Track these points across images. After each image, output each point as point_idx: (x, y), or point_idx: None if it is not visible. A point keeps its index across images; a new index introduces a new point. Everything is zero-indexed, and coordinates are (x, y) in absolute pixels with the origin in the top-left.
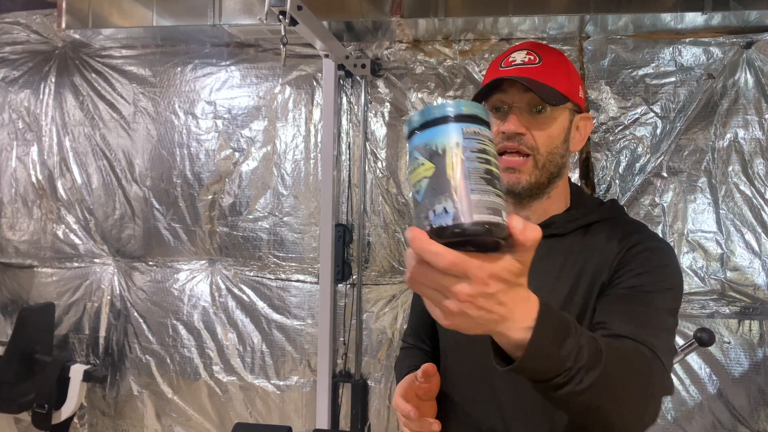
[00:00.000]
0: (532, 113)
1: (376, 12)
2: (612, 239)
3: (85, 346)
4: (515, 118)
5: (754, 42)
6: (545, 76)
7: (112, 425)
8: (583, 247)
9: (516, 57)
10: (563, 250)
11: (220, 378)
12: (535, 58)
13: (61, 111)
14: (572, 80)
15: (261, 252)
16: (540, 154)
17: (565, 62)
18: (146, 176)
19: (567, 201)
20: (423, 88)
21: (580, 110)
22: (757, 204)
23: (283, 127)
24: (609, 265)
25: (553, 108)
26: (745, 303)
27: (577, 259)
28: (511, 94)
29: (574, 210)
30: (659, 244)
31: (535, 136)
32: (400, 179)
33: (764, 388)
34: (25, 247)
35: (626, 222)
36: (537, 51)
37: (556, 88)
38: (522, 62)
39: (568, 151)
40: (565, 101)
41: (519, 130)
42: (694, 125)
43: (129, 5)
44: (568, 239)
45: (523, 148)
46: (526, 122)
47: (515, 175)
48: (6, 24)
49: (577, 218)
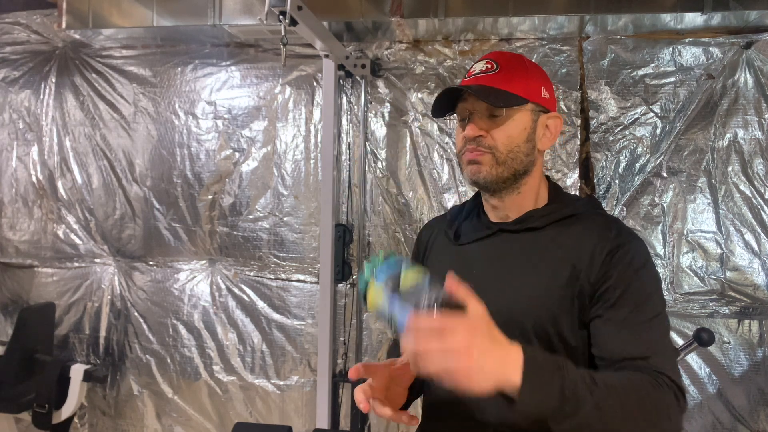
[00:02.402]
0: (492, 117)
1: (376, 12)
2: (589, 233)
3: (86, 345)
4: (473, 125)
5: (754, 42)
6: (501, 81)
7: (112, 425)
8: (559, 240)
9: (476, 67)
10: (540, 243)
11: (220, 378)
12: (492, 66)
13: (61, 111)
14: (531, 83)
15: (261, 252)
16: (499, 151)
17: (523, 66)
18: (146, 176)
19: (544, 198)
20: (423, 89)
21: (546, 110)
22: (756, 204)
23: (283, 127)
24: (590, 261)
25: (508, 110)
26: (744, 303)
27: (554, 252)
28: (470, 103)
29: (551, 205)
30: (635, 244)
31: (494, 137)
32: (400, 179)
33: (764, 388)
34: (26, 247)
35: (601, 216)
36: (496, 60)
37: (513, 91)
38: (480, 71)
39: (534, 150)
40: (523, 102)
41: (476, 133)
42: (694, 125)
43: (129, 5)
44: (545, 233)
45: (481, 149)
46: (485, 125)
47: (476, 167)
48: (6, 24)
49: (552, 212)
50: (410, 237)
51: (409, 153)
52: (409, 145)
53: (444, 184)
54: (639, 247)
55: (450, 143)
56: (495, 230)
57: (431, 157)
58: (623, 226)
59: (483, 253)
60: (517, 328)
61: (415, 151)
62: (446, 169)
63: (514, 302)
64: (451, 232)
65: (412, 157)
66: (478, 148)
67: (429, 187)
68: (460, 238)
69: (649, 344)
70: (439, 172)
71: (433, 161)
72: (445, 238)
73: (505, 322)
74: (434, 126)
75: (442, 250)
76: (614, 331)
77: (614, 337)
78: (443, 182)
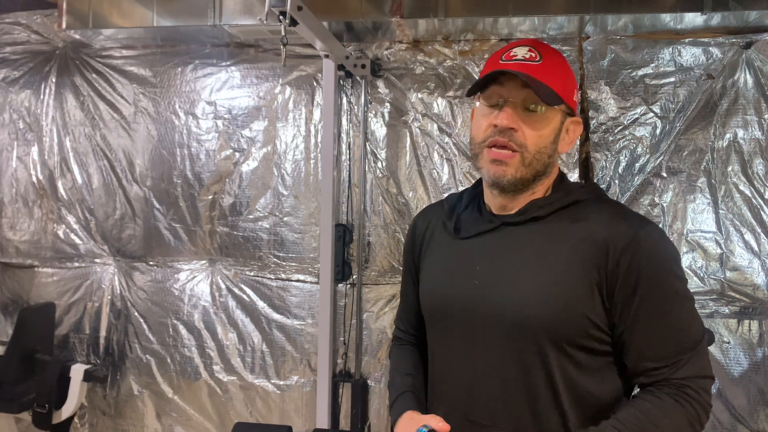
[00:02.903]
0: (526, 110)
1: (376, 12)
2: (598, 220)
3: (86, 345)
4: (510, 113)
5: (754, 42)
6: (544, 74)
7: (112, 425)
8: (567, 228)
9: (518, 52)
10: (546, 232)
11: (220, 378)
12: (536, 56)
13: (61, 111)
14: (568, 83)
15: (261, 252)
16: (528, 151)
17: (564, 64)
18: (147, 176)
19: (549, 189)
20: (423, 89)
21: (572, 113)
22: (756, 204)
23: (283, 128)
24: (604, 254)
25: (547, 108)
26: (744, 303)
27: (561, 243)
28: (508, 89)
29: (554, 194)
30: (650, 230)
31: (526, 134)
32: (400, 179)
33: (764, 388)
34: (26, 247)
35: (608, 203)
36: (538, 49)
37: (553, 88)
38: (523, 58)
39: (556, 152)
40: (560, 102)
41: (512, 125)
42: (694, 125)
43: (129, 5)
44: (550, 223)
45: (512, 144)
46: (519, 119)
47: (501, 168)
48: (6, 24)
49: (555, 200)
50: None
51: (409, 153)
52: (409, 145)
53: (444, 184)
54: (654, 231)
55: (450, 143)
56: (498, 224)
57: (431, 157)
58: (632, 212)
59: (486, 248)
60: (528, 332)
61: (415, 151)
62: (446, 169)
63: (522, 302)
64: (451, 224)
65: (412, 157)
66: (509, 143)
67: (429, 187)
68: (460, 231)
69: (677, 346)
70: (439, 172)
71: (433, 161)
72: (444, 230)
73: (514, 324)
74: (434, 126)
75: (442, 244)
76: (640, 336)
77: (641, 343)
78: (443, 182)
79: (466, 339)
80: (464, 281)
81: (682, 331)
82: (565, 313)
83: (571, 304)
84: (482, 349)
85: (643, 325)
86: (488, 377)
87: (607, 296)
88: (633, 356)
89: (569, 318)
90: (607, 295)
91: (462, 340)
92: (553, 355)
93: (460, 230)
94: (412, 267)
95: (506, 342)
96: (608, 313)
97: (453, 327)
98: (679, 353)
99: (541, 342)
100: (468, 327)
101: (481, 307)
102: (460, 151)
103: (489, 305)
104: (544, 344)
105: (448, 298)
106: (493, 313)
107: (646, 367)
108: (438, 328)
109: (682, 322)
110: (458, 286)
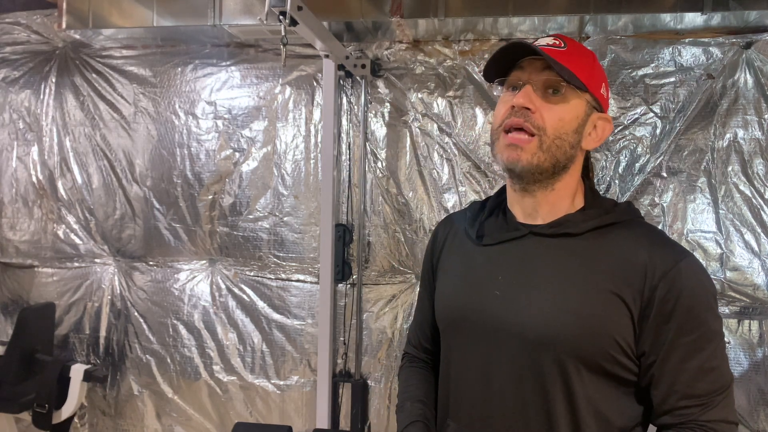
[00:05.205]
0: (546, 94)
1: (376, 12)
2: (638, 243)
3: (86, 345)
4: (527, 92)
5: (754, 42)
6: (568, 60)
7: (112, 425)
8: (600, 250)
9: (541, 41)
10: (578, 251)
11: (220, 378)
12: (560, 43)
13: (61, 111)
14: (595, 74)
15: (261, 252)
16: (546, 135)
17: (591, 56)
18: (147, 176)
19: (581, 202)
20: (423, 89)
21: (600, 109)
22: (756, 204)
23: (283, 128)
24: (641, 280)
25: (568, 90)
26: (744, 303)
27: (594, 262)
28: (528, 72)
29: (589, 210)
30: (689, 262)
31: (545, 117)
32: (400, 179)
33: (764, 388)
34: (26, 247)
35: (646, 226)
36: (564, 39)
37: (577, 74)
38: (547, 45)
39: (579, 145)
40: (583, 88)
41: (527, 104)
42: (694, 125)
43: (129, 5)
44: (583, 240)
45: (528, 125)
46: (538, 101)
47: (516, 153)
48: (6, 24)
49: (591, 218)
50: (410, 237)
51: (409, 153)
52: (409, 145)
53: (444, 184)
54: (695, 263)
55: (450, 143)
56: (525, 232)
57: (431, 157)
58: (671, 239)
59: (510, 257)
60: (551, 351)
61: (415, 151)
62: (446, 169)
63: (547, 318)
64: (473, 231)
65: (412, 157)
66: (525, 124)
67: (429, 187)
68: (483, 238)
69: (709, 386)
70: (439, 172)
71: (433, 161)
72: (466, 236)
73: (536, 341)
74: (434, 126)
75: (462, 250)
76: (673, 371)
77: (673, 378)
78: (443, 182)
79: (483, 353)
80: (485, 290)
81: (714, 371)
82: (591, 334)
83: (599, 325)
84: (499, 365)
85: (677, 359)
86: (504, 396)
87: (639, 321)
88: (663, 390)
89: (596, 339)
90: (639, 319)
91: (479, 354)
92: (576, 378)
93: (483, 236)
94: (430, 276)
95: (527, 360)
96: (637, 339)
97: (469, 340)
98: (711, 394)
99: (564, 363)
100: (486, 340)
101: (501, 320)
102: (460, 151)
103: (510, 319)
104: (567, 366)
105: (466, 308)
106: (515, 327)
107: (675, 404)
108: (453, 340)
109: (716, 362)
110: (478, 294)
